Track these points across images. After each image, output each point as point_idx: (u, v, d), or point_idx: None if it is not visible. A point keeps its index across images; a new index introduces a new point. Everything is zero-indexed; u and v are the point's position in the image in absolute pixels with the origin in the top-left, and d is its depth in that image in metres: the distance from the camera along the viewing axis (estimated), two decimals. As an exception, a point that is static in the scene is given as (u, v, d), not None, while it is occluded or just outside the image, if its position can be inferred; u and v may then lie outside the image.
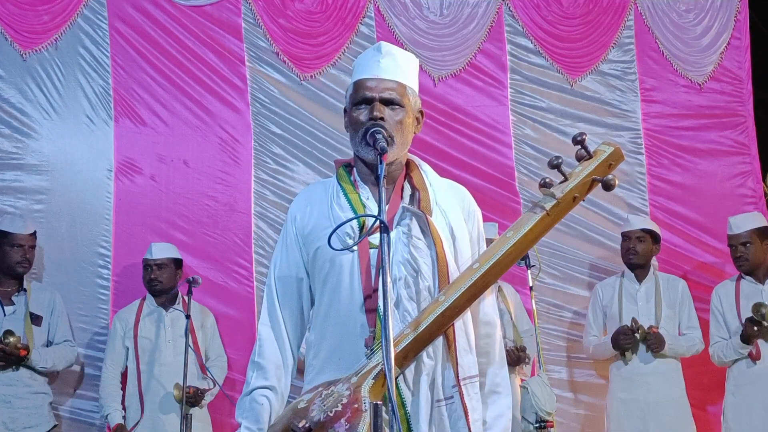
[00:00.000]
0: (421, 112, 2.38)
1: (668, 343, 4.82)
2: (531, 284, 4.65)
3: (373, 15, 5.59)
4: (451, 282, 2.20)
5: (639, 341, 4.82)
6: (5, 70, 5.24)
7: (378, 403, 1.87)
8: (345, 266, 2.23)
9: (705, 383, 5.17)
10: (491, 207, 5.37)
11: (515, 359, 4.68)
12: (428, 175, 2.37)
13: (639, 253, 5.02)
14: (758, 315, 4.60)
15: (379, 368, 2.07)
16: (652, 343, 4.79)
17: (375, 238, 2.19)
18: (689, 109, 5.74)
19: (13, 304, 4.77)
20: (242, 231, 5.29)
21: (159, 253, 4.93)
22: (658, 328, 4.83)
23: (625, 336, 4.81)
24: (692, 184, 5.67)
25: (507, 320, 4.88)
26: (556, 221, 2.24)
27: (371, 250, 2.22)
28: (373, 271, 2.20)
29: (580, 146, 2.22)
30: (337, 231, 2.14)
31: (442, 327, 2.16)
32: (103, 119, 5.29)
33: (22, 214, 5.03)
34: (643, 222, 5.15)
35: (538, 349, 4.53)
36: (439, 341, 2.19)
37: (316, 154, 5.40)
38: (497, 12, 5.68)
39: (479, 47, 5.63)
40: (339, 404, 2.06)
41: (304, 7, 5.55)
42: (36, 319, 4.77)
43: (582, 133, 2.22)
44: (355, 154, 2.36)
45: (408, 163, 2.38)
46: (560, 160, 2.18)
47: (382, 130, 2.21)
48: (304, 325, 2.35)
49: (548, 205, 2.19)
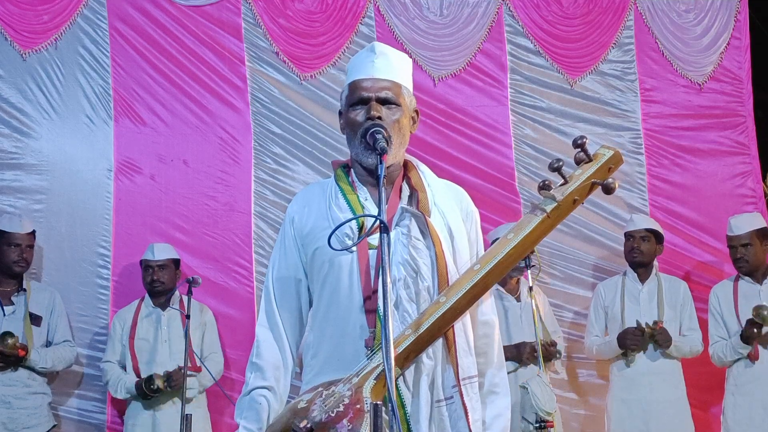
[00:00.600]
0: (416, 111, 2.38)
1: (674, 340, 4.82)
2: (531, 284, 4.65)
3: (373, 15, 5.59)
4: (450, 283, 2.20)
5: (647, 339, 4.81)
6: (5, 69, 5.23)
7: (378, 403, 1.87)
8: (344, 267, 2.22)
9: (705, 384, 5.17)
10: (491, 207, 5.37)
11: (546, 355, 4.71)
12: (426, 175, 2.36)
13: (644, 252, 5.02)
14: (759, 318, 4.60)
15: (380, 369, 2.07)
16: (660, 339, 4.79)
17: (374, 239, 2.19)
18: (689, 109, 5.75)
19: (12, 304, 4.77)
20: (242, 231, 5.29)
21: (160, 254, 4.92)
22: (662, 323, 4.83)
23: (633, 336, 4.80)
24: (692, 184, 5.67)
25: (537, 320, 4.89)
26: (557, 223, 2.24)
27: (370, 251, 2.21)
28: (373, 272, 2.20)
29: (580, 149, 2.22)
30: (336, 232, 2.13)
31: (442, 328, 2.16)
32: (103, 119, 5.28)
33: (21, 213, 5.03)
34: (648, 222, 5.15)
35: (539, 349, 4.52)
36: (439, 342, 2.18)
37: (316, 154, 5.40)
38: (497, 12, 5.68)
39: (479, 47, 5.63)
40: (341, 404, 2.05)
41: (304, 7, 5.55)
42: (35, 320, 4.76)
43: (583, 137, 2.22)
44: (352, 155, 2.35)
45: (406, 164, 2.37)
46: (561, 163, 2.18)
47: (382, 130, 2.20)
48: (303, 326, 2.35)
49: (549, 208, 2.19)
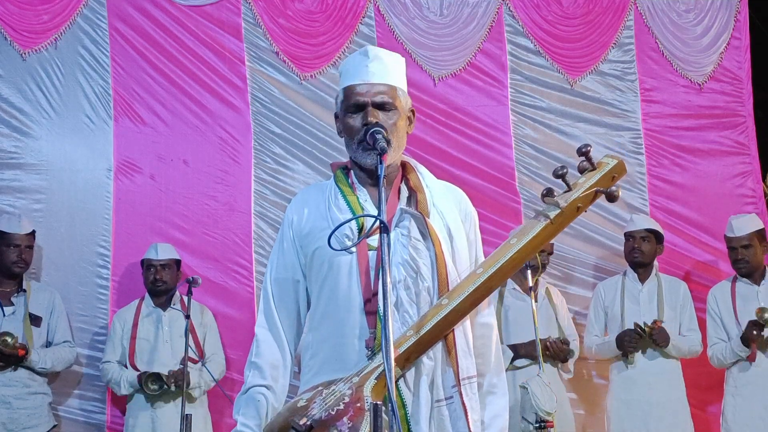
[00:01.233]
0: (412, 111, 2.38)
1: (672, 340, 4.82)
2: (531, 284, 4.64)
3: (373, 15, 5.59)
4: (450, 284, 2.21)
5: (645, 339, 4.81)
6: (5, 69, 5.23)
7: (378, 403, 1.87)
8: (343, 268, 2.23)
9: (704, 384, 5.17)
10: (491, 207, 5.37)
11: (558, 353, 4.74)
12: (424, 176, 2.36)
13: (644, 252, 5.02)
14: (762, 320, 4.59)
15: (381, 369, 2.07)
16: (657, 338, 4.79)
17: (373, 240, 2.20)
18: (689, 109, 5.74)
19: (12, 304, 4.76)
20: (242, 231, 5.29)
21: (164, 253, 4.92)
22: (661, 322, 4.83)
23: (631, 338, 4.80)
24: (692, 184, 5.67)
25: (553, 321, 4.92)
26: (560, 230, 2.27)
27: (369, 252, 2.22)
28: (372, 273, 2.20)
29: (584, 158, 2.24)
30: (335, 232, 2.14)
31: (443, 330, 2.17)
32: (103, 119, 5.28)
33: (21, 213, 5.02)
34: (648, 222, 5.16)
35: (539, 349, 4.52)
36: (439, 343, 2.18)
37: (316, 154, 5.39)
38: (497, 12, 5.67)
39: (479, 47, 5.63)
40: (341, 403, 2.06)
41: (304, 7, 5.55)
42: (35, 320, 4.76)
43: (587, 145, 2.25)
44: (351, 158, 2.35)
45: (404, 165, 2.37)
46: (566, 170, 2.20)
47: (382, 131, 2.21)
48: (301, 326, 2.35)
49: (552, 214, 2.22)
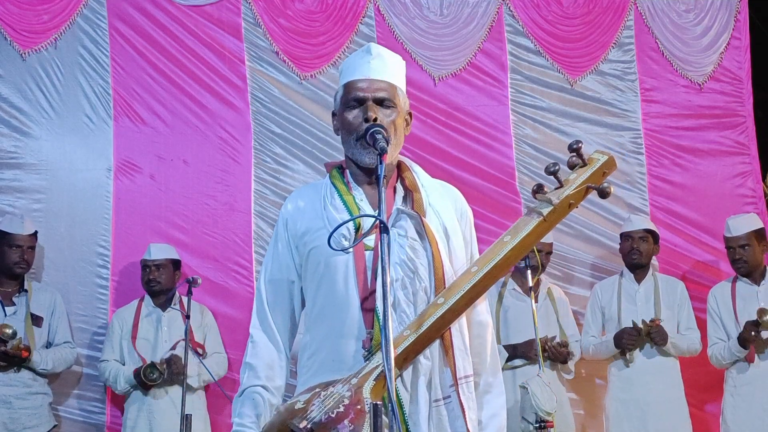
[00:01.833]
0: (409, 113, 2.38)
1: (670, 337, 4.83)
2: (531, 284, 4.64)
3: (373, 15, 5.58)
4: (447, 283, 2.21)
5: (643, 337, 4.82)
6: (4, 69, 5.22)
7: (377, 403, 1.87)
8: (340, 268, 2.22)
9: (703, 383, 5.18)
10: (491, 207, 5.37)
11: (557, 355, 4.73)
12: (420, 176, 2.36)
13: (642, 253, 5.03)
14: (762, 320, 4.59)
15: (379, 369, 2.07)
16: (656, 336, 4.80)
17: (369, 240, 2.21)
18: (689, 109, 5.74)
19: (13, 304, 4.76)
20: (242, 230, 5.29)
21: (157, 253, 4.92)
22: (660, 320, 4.83)
23: (629, 336, 4.81)
24: (692, 184, 5.66)
25: (553, 321, 4.90)
26: (552, 226, 2.27)
27: (366, 252, 2.22)
28: (369, 273, 2.20)
29: (575, 154, 2.24)
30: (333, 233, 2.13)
31: (440, 329, 2.17)
32: (103, 118, 5.28)
33: (22, 213, 5.02)
34: (645, 222, 5.18)
35: (539, 349, 4.52)
36: (436, 342, 2.18)
37: (316, 154, 5.39)
38: (497, 12, 5.67)
39: (479, 47, 5.63)
40: (341, 405, 2.05)
41: (304, 7, 5.55)
42: (36, 320, 4.76)
43: (578, 141, 2.24)
44: (347, 156, 2.35)
45: (399, 165, 2.37)
46: (557, 167, 2.20)
47: (382, 131, 2.20)
48: (295, 326, 2.35)
49: (545, 211, 2.22)
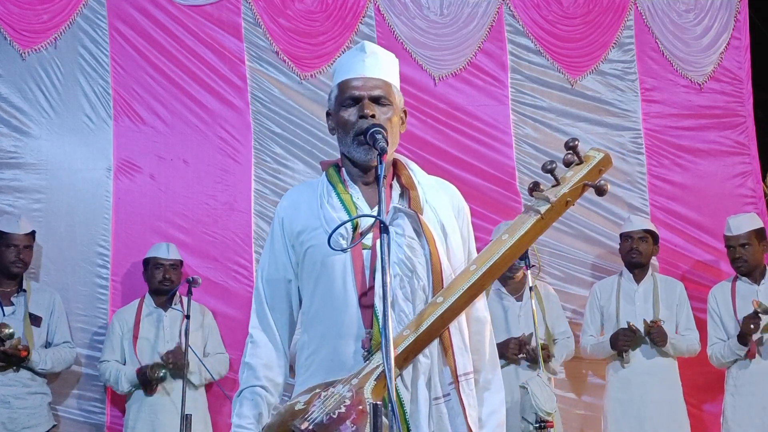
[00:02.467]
0: (404, 110, 2.37)
1: (670, 338, 4.83)
2: (531, 284, 4.64)
3: (373, 14, 5.58)
4: (445, 281, 2.20)
5: (641, 338, 4.82)
6: (4, 69, 5.22)
7: (377, 403, 1.87)
8: (337, 267, 2.21)
9: (702, 383, 5.18)
10: (491, 207, 5.37)
11: (533, 357, 4.69)
12: (416, 173, 2.35)
13: (642, 253, 5.04)
14: (760, 308, 4.59)
15: (380, 369, 2.06)
16: (655, 336, 4.80)
17: (366, 239, 2.20)
18: (689, 109, 5.74)
19: (12, 304, 4.76)
20: (242, 230, 5.28)
21: (174, 253, 4.94)
22: (660, 321, 4.83)
23: (625, 337, 4.82)
24: (692, 184, 5.66)
25: (539, 320, 4.79)
26: (549, 224, 2.27)
27: (364, 251, 2.21)
28: (367, 272, 2.19)
29: (571, 152, 2.24)
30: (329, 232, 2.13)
31: (440, 328, 2.16)
32: (103, 118, 5.27)
33: (20, 213, 5.01)
34: (645, 223, 5.18)
35: (539, 349, 4.52)
36: (435, 341, 2.18)
37: (316, 153, 5.39)
38: (497, 11, 5.67)
39: (479, 47, 5.62)
40: (342, 406, 2.04)
41: (304, 7, 5.54)
42: (35, 320, 4.75)
43: (575, 139, 2.24)
44: (343, 154, 2.34)
45: (395, 163, 2.36)
46: (554, 165, 2.20)
47: (382, 131, 2.20)
48: (294, 325, 2.35)
49: (543, 209, 2.22)
